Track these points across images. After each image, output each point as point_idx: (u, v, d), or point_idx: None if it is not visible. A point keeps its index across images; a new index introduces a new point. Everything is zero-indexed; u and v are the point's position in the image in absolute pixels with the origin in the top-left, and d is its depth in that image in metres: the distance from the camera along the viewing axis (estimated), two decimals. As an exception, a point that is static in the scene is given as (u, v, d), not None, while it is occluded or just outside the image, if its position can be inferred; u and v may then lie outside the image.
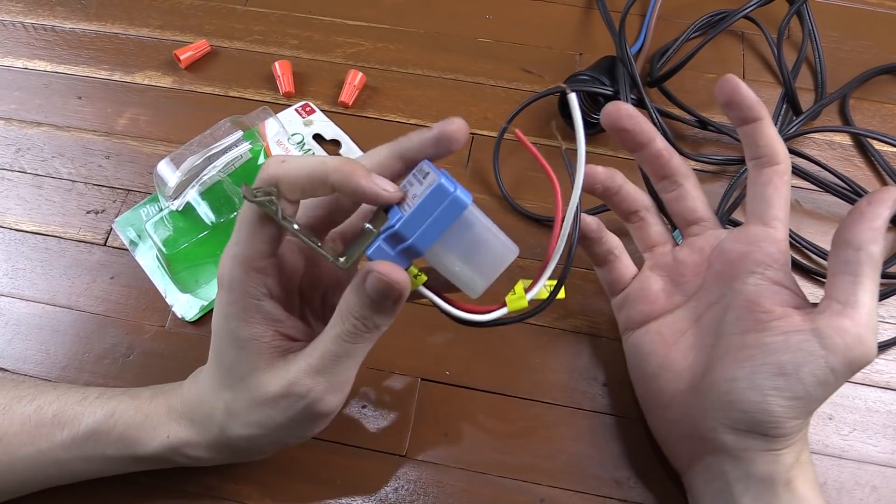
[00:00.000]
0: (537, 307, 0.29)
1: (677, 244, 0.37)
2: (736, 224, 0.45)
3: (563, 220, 0.28)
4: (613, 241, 0.37)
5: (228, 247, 0.28)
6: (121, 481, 0.35)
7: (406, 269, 0.27)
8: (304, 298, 0.32)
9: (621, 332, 0.38)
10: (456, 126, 0.27)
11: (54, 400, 0.34)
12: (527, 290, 0.29)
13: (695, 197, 0.36)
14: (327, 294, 0.33)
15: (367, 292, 0.26)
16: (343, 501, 0.36)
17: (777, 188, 0.33)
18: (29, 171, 0.47)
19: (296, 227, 0.26)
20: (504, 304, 0.29)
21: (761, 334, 0.31)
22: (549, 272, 0.29)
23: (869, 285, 0.29)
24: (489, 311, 0.29)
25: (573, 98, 0.27)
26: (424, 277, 0.28)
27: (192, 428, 0.32)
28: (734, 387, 0.30)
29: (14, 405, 0.33)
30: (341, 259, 0.27)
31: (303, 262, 0.31)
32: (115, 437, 0.32)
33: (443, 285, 0.29)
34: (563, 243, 0.28)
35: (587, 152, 0.29)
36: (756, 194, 0.33)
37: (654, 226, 0.37)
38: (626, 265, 0.37)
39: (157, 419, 0.33)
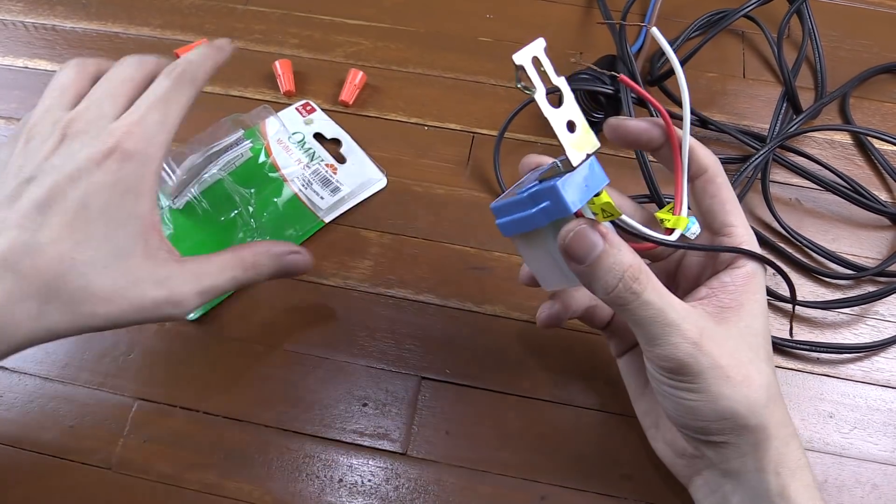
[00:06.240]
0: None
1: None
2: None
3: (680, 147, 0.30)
4: None
5: (152, 118, 0.27)
6: (123, 484, 0.35)
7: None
8: None
9: (614, 354, 0.37)
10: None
11: None
12: (673, 213, 0.29)
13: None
14: None
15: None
16: (343, 500, 0.36)
17: (714, 196, 0.31)
18: (29, 170, 0.47)
19: None
20: (671, 230, 0.29)
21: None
22: (685, 194, 0.30)
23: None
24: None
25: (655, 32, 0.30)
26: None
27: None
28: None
29: None
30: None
31: None
32: None
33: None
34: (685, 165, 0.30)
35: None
36: (703, 209, 0.32)
37: None
38: None
39: None
